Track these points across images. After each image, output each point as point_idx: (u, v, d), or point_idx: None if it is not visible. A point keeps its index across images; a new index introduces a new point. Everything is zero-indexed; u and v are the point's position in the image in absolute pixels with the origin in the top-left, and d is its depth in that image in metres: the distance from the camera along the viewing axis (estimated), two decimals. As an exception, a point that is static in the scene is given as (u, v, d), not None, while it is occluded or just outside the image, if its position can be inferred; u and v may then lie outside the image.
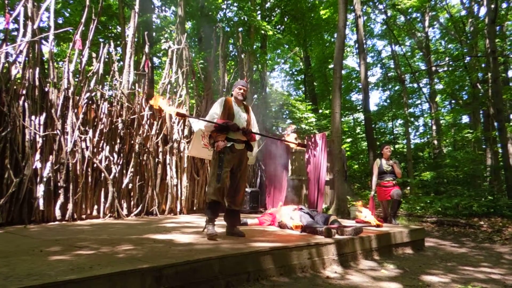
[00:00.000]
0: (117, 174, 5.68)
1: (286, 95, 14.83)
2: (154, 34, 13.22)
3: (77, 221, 5.10)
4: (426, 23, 17.52)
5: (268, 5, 16.21)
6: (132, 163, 5.87)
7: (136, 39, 7.34)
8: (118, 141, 5.86)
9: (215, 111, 3.69)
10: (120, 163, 5.80)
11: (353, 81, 20.85)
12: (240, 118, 3.71)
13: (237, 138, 3.64)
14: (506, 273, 3.44)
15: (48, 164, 4.93)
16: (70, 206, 5.07)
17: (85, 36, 5.75)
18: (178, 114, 3.67)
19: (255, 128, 3.94)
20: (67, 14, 12.02)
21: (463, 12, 16.57)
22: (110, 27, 13.70)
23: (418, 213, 9.39)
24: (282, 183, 8.24)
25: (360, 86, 16.42)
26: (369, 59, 20.67)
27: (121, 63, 6.63)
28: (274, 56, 20.98)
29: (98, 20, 6.01)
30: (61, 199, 5.00)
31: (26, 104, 4.88)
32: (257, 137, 4.08)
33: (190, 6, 13.28)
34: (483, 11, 14.56)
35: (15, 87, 4.89)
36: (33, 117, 4.92)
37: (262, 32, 13.10)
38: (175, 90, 7.06)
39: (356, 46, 17.81)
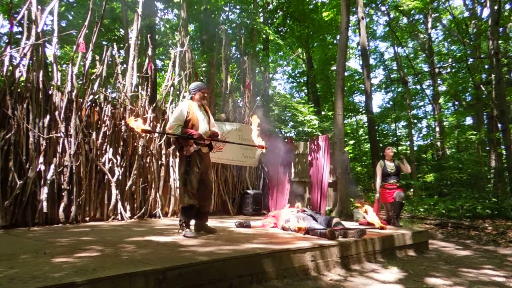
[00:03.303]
0: (120, 177, 5.70)
1: (289, 97, 14.82)
2: (157, 37, 13.27)
3: (80, 223, 5.12)
4: (429, 25, 17.51)
5: (270, 7, 16.24)
6: (135, 166, 5.89)
7: (139, 42, 7.37)
8: (122, 143, 5.88)
9: (181, 116, 3.73)
10: (123, 165, 5.82)
11: (356, 83, 20.81)
12: (203, 122, 3.86)
13: (202, 142, 3.81)
14: (510, 276, 3.41)
15: (52, 167, 4.95)
16: (73, 208, 5.09)
17: (89, 39, 5.78)
18: (143, 131, 3.74)
19: (215, 126, 4.08)
20: (71, 17, 12.09)
21: (466, 14, 16.56)
22: (114, 30, 13.76)
23: (421, 215, 9.35)
24: (285, 185, 8.23)
25: (363, 88, 16.39)
26: (371, 61, 20.68)
27: (124, 65, 6.65)
28: (276, 58, 20.98)
29: (101, 23, 6.04)
30: (64, 202, 5.02)
31: (30, 107, 4.91)
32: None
33: (193, 8, 13.32)
34: (486, 12, 14.55)
35: (19, 90, 4.92)
36: (37, 120, 4.95)
37: (264, 36, 13.13)
38: (178, 92, 7.08)
39: (359, 47, 17.79)
